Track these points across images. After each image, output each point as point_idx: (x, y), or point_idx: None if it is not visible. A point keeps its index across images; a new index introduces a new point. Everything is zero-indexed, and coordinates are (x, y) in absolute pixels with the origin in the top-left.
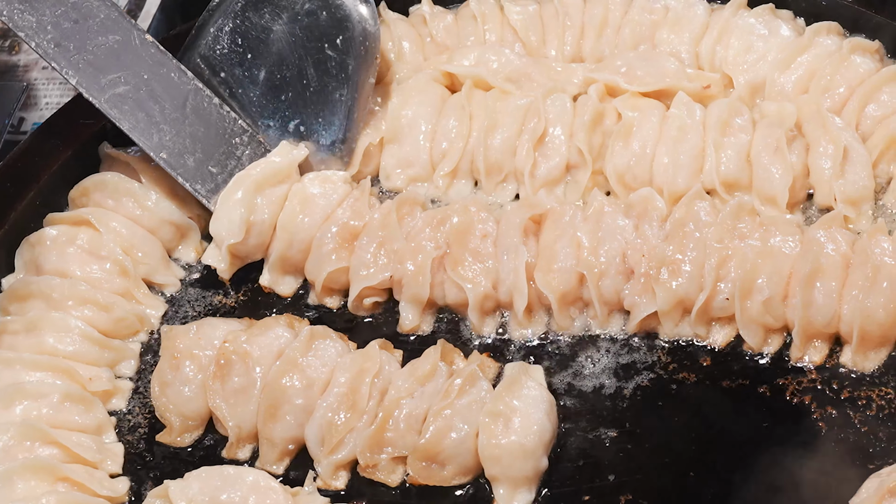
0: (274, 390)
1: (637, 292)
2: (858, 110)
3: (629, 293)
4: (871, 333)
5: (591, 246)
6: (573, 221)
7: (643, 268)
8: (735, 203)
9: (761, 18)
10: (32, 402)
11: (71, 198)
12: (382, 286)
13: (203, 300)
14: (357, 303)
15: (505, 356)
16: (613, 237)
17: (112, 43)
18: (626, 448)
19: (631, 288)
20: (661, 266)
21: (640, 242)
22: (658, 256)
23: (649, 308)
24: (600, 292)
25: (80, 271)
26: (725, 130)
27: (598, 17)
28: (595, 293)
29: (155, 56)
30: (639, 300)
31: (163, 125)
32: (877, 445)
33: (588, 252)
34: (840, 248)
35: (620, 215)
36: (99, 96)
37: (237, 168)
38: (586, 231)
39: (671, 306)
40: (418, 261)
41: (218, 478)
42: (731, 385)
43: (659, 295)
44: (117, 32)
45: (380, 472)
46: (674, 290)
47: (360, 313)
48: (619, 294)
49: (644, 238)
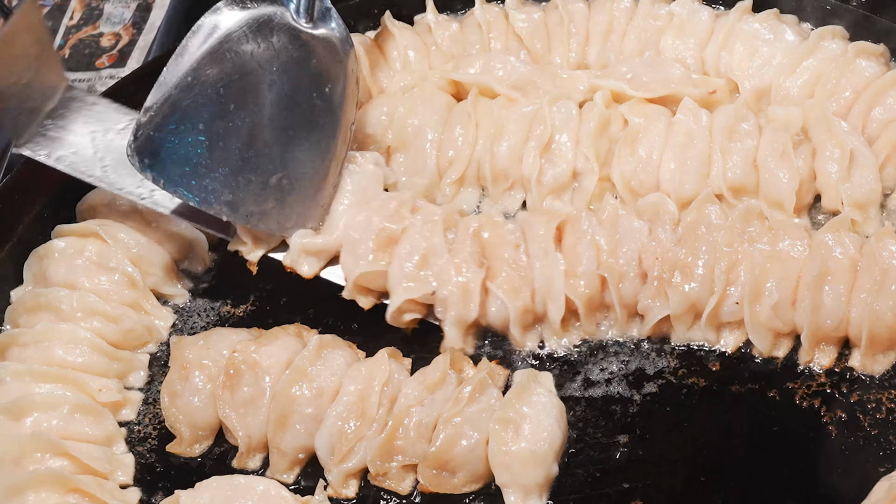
0: (283, 399)
1: (651, 296)
2: (864, 114)
3: (643, 297)
4: (880, 336)
5: (609, 249)
6: (591, 226)
7: (656, 271)
8: (744, 207)
9: (766, 23)
10: (42, 413)
11: (79, 210)
12: (424, 301)
13: (211, 311)
14: (396, 315)
15: (514, 364)
16: (631, 239)
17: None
18: (637, 454)
19: (645, 291)
20: (674, 269)
21: (655, 245)
22: (671, 260)
23: (663, 312)
24: (620, 295)
25: (89, 283)
26: (732, 135)
27: (602, 23)
28: (616, 296)
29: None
30: (652, 304)
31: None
32: (887, 448)
33: (607, 255)
34: (848, 252)
35: (635, 218)
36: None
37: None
38: (604, 234)
39: (684, 310)
40: (467, 283)
41: (229, 487)
42: (740, 390)
43: (672, 298)
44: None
45: (390, 481)
46: (686, 293)
47: (399, 324)
48: (636, 297)
49: (658, 241)
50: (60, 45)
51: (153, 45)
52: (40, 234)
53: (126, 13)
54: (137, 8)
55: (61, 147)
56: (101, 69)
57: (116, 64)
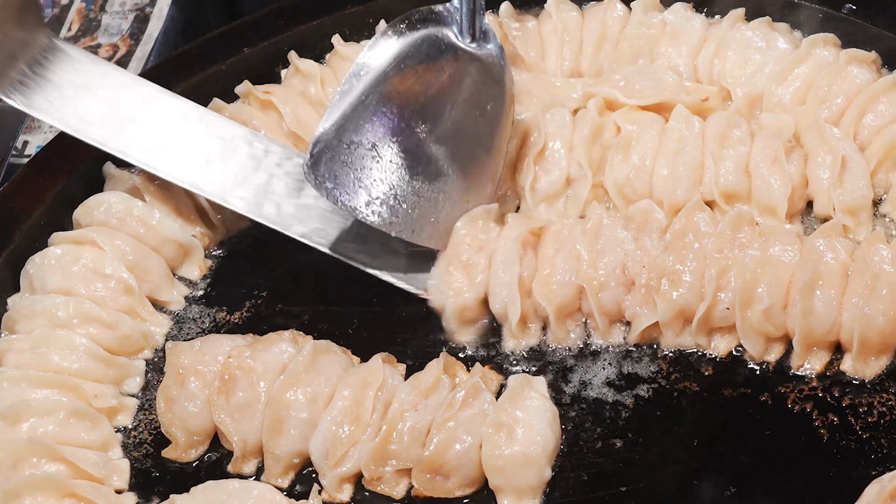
0: (278, 404)
1: (638, 303)
2: (856, 120)
3: (630, 304)
4: (871, 340)
5: (590, 259)
6: (572, 235)
7: (644, 279)
8: (734, 213)
9: (758, 31)
10: (39, 418)
11: (75, 218)
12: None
13: (207, 317)
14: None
15: (508, 369)
16: (613, 249)
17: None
18: (629, 458)
19: (632, 299)
20: (662, 277)
21: (641, 254)
22: (658, 267)
23: (650, 318)
24: (600, 304)
25: (85, 289)
26: (724, 142)
27: (596, 32)
28: (595, 305)
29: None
30: (640, 311)
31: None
32: (878, 451)
33: (587, 265)
34: (839, 257)
35: (620, 227)
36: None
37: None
38: (585, 244)
39: (672, 316)
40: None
41: (223, 492)
42: (732, 394)
43: (660, 305)
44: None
45: (384, 485)
46: (674, 300)
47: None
48: (620, 305)
49: (644, 249)
50: None
51: (150, 56)
52: (37, 242)
53: (124, 24)
54: (135, 19)
55: (39, 95)
56: None
57: None
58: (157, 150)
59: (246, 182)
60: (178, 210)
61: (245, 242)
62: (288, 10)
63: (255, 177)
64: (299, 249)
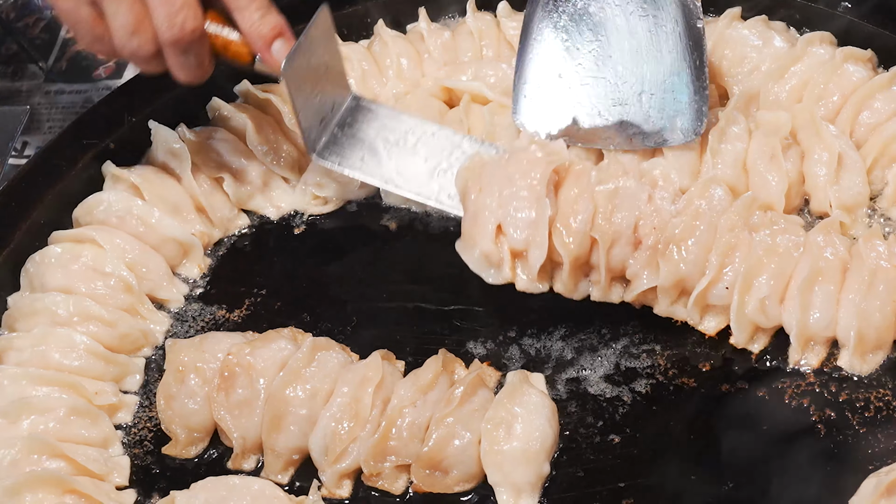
0: (278, 401)
1: (641, 264)
2: (852, 118)
3: (633, 264)
4: (868, 336)
5: (605, 211)
6: (593, 184)
7: (651, 240)
8: (748, 196)
9: (755, 30)
10: (39, 416)
11: (75, 217)
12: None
13: (206, 315)
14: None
15: (506, 365)
16: (629, 206)
17: None
18: (628, 453)
19: (636, 259)
20: (670, 242)
21: (653, 213)
22: (668, 230)
23: (651, 282)
24: (609, 259)
25: (85, 288)
26: (722, 139)
27: None
28: (604, 260)
29: None
30: (641, 271)
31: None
32: (875, 446)
33: (602, 218)
34: (838, 253)
35: (637, 182)
36: None
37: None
38: (604, 195)
39: (672, 283)
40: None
41: (223, 488)
42: (730, 389)
43: (663, 269)
44: None
45: (383, 481)
46: (678, 267)
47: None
48: (624, 264)
49: (657, 209)
50: (58, 58)
51: None
52: (37, 241)
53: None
54: None
55: (351, 153)
56: (98, 80)
57: (113, 76)
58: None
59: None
60: (177, 209)
61: (244, 241)
62: (286, 11)
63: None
64: (298, 248)
